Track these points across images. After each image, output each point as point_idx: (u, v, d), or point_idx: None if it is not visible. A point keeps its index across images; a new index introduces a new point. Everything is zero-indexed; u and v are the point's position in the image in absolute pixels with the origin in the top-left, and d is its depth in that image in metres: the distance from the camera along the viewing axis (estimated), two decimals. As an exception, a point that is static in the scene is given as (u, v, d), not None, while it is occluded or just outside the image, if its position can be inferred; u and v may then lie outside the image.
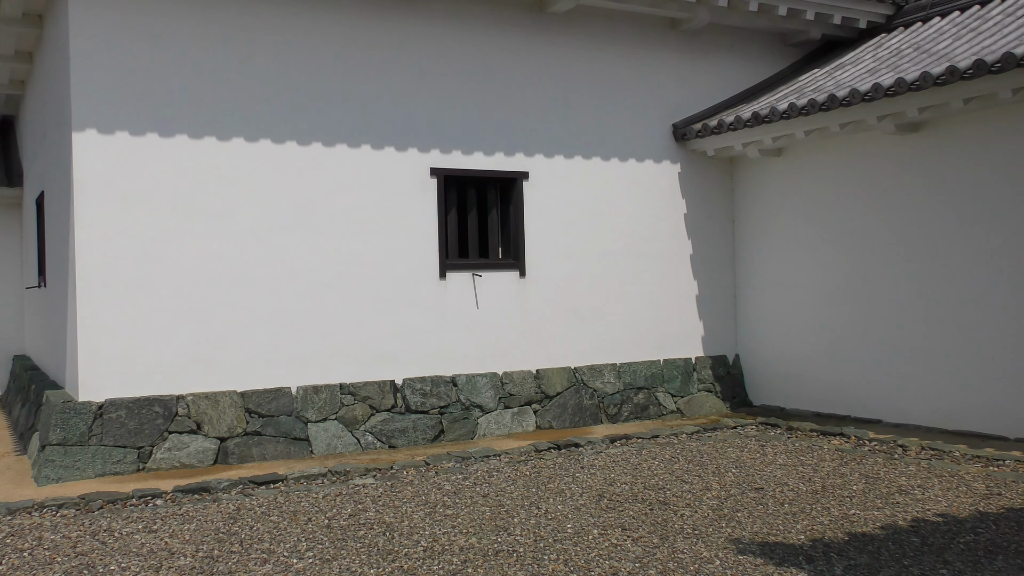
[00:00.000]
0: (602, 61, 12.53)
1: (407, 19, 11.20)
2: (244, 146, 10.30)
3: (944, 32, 12.28)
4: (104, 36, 9.63)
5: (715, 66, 13.44)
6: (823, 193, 12.27)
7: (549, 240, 12.10)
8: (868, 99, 10.59)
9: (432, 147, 11.34)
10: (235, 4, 10.24)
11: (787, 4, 12.64)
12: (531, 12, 12.01)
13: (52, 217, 11.90)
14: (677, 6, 12.27)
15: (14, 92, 15.15)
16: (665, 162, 13.01)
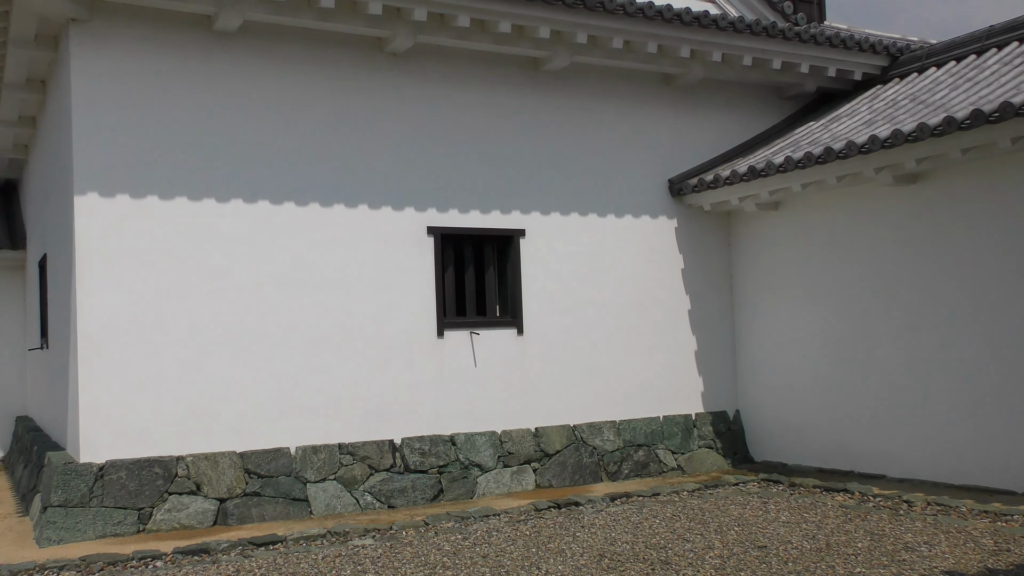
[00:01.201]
0: (597, 117, 12.63)
1: (403, 79, 11.33)
2: (242, 207, 10.36)
3: (940, 82, 12.35)
4: (105, 102, 9.76)
5: (710, 120, 13.52)
6: (822, 245, 12.24)
7: (546, 297, 12.07)
8: (865, 151, 10.60)
9: (429, 206, 11.39)
10: (232, 71, 10.39)
11: (781, 58, 12.75)
12: (526, 71, 12.14)
13: (54, 279, 11.96)
14: (671, 62, 12.40)
15: (18, 156, 15.35)
16: (662, 217, 13.02)
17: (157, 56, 10.03)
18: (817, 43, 12.77)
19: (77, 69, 9.67)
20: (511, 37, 11.22)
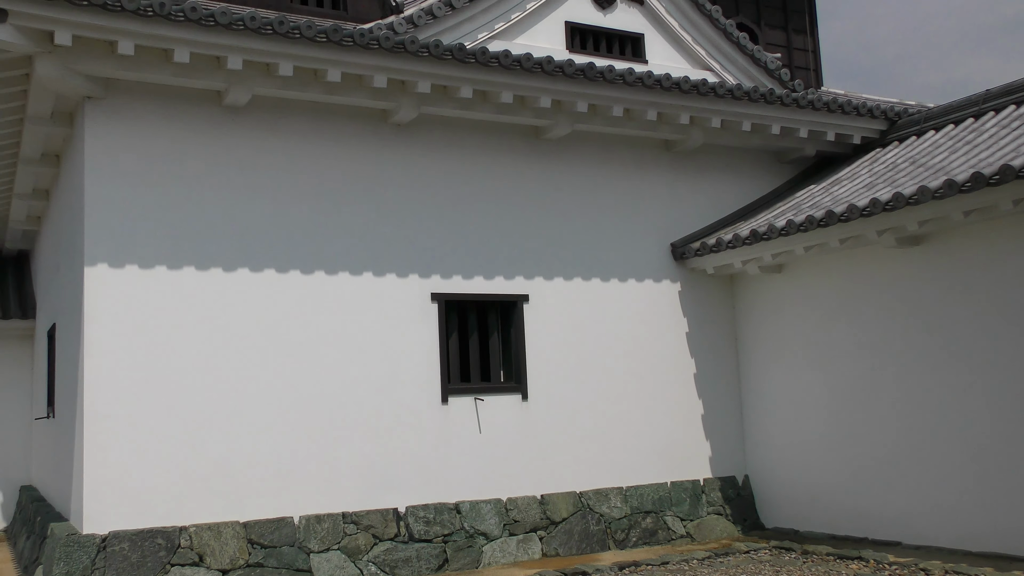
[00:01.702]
0: (599, 183, 12.75)
1: (407, 148, 11.50)
2: (249, 276, 10.45)
3: (939, 145, 12.45)
4: (117, 175, 9.93)
5: (711, 184, 13.63)
6: (827, 308, 12.21)
7: (551, 362, 12.05)
8: (866, 214, 10.65)
9: (433, 272, 11.46)
10: (241, 143, 10.57)
11: (780, 123, 12.90)
12: (527, 138, 12.31)
13: (62, 348, 12.01)
14: (670, 128, 12.55)
15: (30, 228, 15.55)
16: (665, 281, 13.05)
17: (168, 130, 10.22)
18: (815, 109, 12.93)
19: (91, 144, 9.86)
20: (513, 107, 11.41)
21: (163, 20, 9.13)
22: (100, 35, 9.06)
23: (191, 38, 9.34)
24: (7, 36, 8.71)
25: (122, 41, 9.16)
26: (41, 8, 8.68)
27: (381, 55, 10.16)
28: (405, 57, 10.26)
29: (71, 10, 8.80)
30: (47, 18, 8.77)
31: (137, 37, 9.19)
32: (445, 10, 11.70)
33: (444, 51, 10.34)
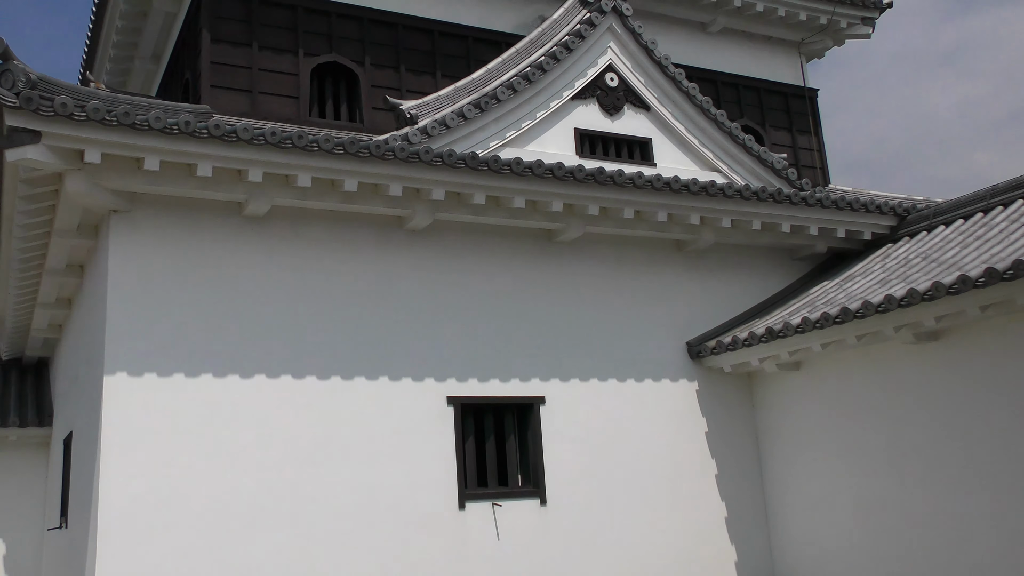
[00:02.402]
0: (612, 284, 12.87)
1: (422, 253, 11.69)
2: (265, 382, 10.50)
3: (950, 241, 12.54)
4: (139, 285, 10.13)
5: (724, 283, 13.72)
6: (848, 406, 12.09)
7: (569, 465, 11.92)
8: (882, 311, 10.65)
9: (448, 376, 11.48)
10: (260, 252, 10.79)
11: (790, 222, 13.06)
12: (540, 242, 12.50)
13: (78, 458, 12.00)
14: (681, 229, 12.73)
15: (51, 336, 15.75)
16: (682, 380, 13.01)
17: (189, 241, 10.47)
18: (824, 207, 13.11)
19: (115, 256, 10.10)
20: (525, 211, 11.64)
21: (188, 137, 9.47)
22: (127, 152, 9.40)
23: (214, 153, 9.66)
24: (40, 156, 9.05)
25: (148, 157, 9.48)
26: (73, 128, 9.03)
27: (396, 165, 10.45)
28: (420, 166, 10.54)
29: (101, 129, 9.15)
30: (78, 138, 9.12)
31: (163, 153, 9.52)
32: (458, 120, 12.07)
33: (457, 160, 10.62)
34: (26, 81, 8.86)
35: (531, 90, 12.98)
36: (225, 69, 13.22)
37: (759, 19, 17.24)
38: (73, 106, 8.91)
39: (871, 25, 17.78)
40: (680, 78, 14.14)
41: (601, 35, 13.80)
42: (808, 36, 17.89)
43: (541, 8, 15.70)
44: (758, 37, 17.75)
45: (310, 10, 14.00)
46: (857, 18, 17.65)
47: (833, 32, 17.81)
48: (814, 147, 17.84)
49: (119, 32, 16.17)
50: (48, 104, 8.85)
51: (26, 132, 8.98)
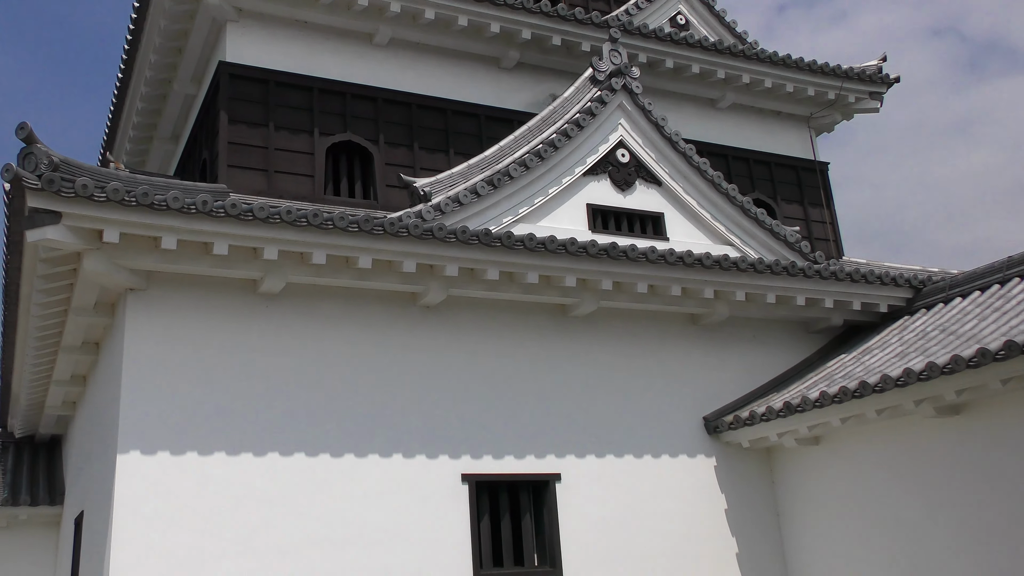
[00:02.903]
0: (626, 358, 12.79)
1: (436, 329, 11.68)
2: (278, 460, 10.41)
3: (968, 313, 12.44)
4: (154, 363, 10.15)
5: (740, 356, 13.61)
6: (871, 481, 11.84)
7: (586, 544, 11.66)
8: (901, 384, 10.51)
9: (463, 452, 11.35)
10: (274, 329, 10.82)
11: (804, 295, 13.01)
12: (554, 316, 12.49)
13: (89, 537, 11.86)
14: (696, 303, 12.70)
15: (65, 413, 15.73)
16: (699, 456, 12.80)
17: (204, 319, 10.51)
18: (838, 279, 13.08)
19: (131, 334, 10.14)
20: (539, 287, 11.65)
21: (205, 216, 9.59)
22: (145, 231, 9.51)
23: (230, 232, 9.77)
24: (59, 236, 9.17)
25: (166, 236, 9.59)
26: (93, 209, 9.17)
27: (410, 242, 10.53)
28: (433, 243, 10.62)
29: (120, 210, 9.29)
30: (98, 218, 9.25)
31: (180, 232, 9.64)
32: (471, 197, 12.19)
33: (471, 236, 10.70)
34: (48, 164, 9.03)
35: (543, 167, 13.14)
36: (242, 149, 13.46)
37: (768, 95, 17.48)
38: (93, 187, 9.06)
39: (879, 99, 17.99)
40: (691, 153, 14.29)
41: (612, 112, 14.01)
42: (817, 111, 18.10)
43: (552, 86, 15.99)
44: (767, 112, 17.98)
45: (326, 91, 14.30)
46: (865, 93, 17.87)
47: (842, 107, 18.02)
48: (826, 220, 17.89)
49: (139, 114, 16.55)
50: (69, 185, 9.00)
51: (47, 213, 9.12)
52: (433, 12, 14.39)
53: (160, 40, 14.44)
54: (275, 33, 14.13)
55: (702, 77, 16.68)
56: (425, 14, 14.38)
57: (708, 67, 16.39)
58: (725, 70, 16.51)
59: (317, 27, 14.41)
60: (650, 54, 15.91)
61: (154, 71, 15.29)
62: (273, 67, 13.99)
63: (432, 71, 15.15)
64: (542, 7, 14.96)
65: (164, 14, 13.93)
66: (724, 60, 16.43)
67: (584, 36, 15.48)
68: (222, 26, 13.94)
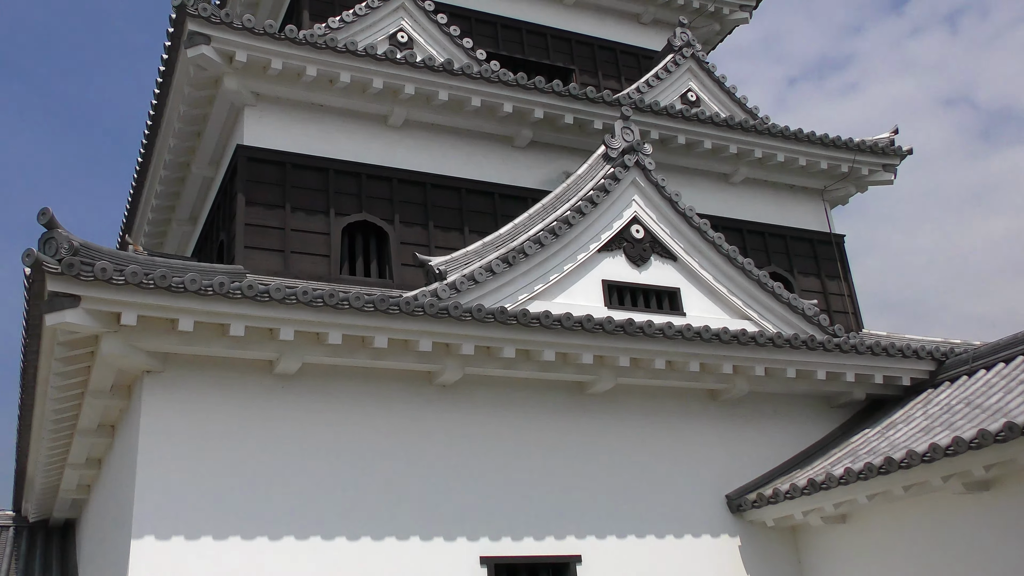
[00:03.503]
0: (646, 435, 12.59)
1: (452, 408, 11.57)
2: (294, 544, 10.22)
3: (993, 385, 12.23)
4: (170, 446, 10.07)
5: (762, 432, 13.39)
6: (899, 559, 11.47)
7: (610, 628, 11.31)
8: (928, 460, 10.29)
9: (481, 534, 11.12)
10: (290, 410, 10.74)
11: (825, 369, 12.85)
12: (571, 393, 12.36)
13: (99, 626, 11.62)
14: (714, 378, 12.55)
15: (79, 496, 15.59)
16: (723, 536, 12.49)
17: (220, 401, 10.46)
18: (859, 353, 12.93)
19: (147, 416, 10.10)
20: (555, 364, 11.56)
21: (221, 298, 9.62)
22: (163, 314, 9.55)
23: (246, 313, 9.79)
24: (78, 319, 9.21)
25: (183, 318, 9.62)
26: (111, 292, 9.22)
27: (426, 320, 10.51)
28: (449, 321, 10.59)
29: (138, 292, 9.34)
30: (116, 301, 9.29)
31: (196, 314, 9.66)
32: (486, 275, 12.21)
33: (486, 314, 10.67)
34: (69, 248, 9.13)
35: (558, 243, 13.17)
36: (259, 230, 13.59)
37: (781, 169, 17.58)
38: (112, 270, 9.13)
39: (893, 172, 18.05)
40: (705, 228, 14.32)
41: (625, 189, 14.10)
42: (831, 184, 18.16)
43: (565, 164, 16.15)
44: (781, 186, 18.05)
45: (341, 172, 14.49)
46: (878, 165, 17.95)
47: (855, 179, 18.08)
48: (844, 292, 17.78)
49: (158, 196, 16.80)
50: (88, 269, 9.08)
51: (66, 297, 9.18)
52: (447, 93, 14.65)
53: (179, 125, 14.75)
54: (292, 116, 14.40)
55: (714, 152, 16.81)
56: (439, 95, 14.64)
57: (720, 142, 16.54)
58: (737, 145, 16.65)
59: (333, 109, 14.69)
60: (662, 130, 16.09)
61: (173, 155, 15.58)
62: (290, 149, 14.21)
63: (446, 151, 15.35)
64: (554, 87, 15.21)
65: (184, 100, 14.25)
66: (736, 135, 16.59)
67: (596, 114, 15.70)
68: (240, 110, 14.23)
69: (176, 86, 14.23)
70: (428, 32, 15.90)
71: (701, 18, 19.97)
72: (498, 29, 18.07)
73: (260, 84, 13.95)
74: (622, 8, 19.44)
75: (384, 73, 14.19)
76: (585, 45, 18.95)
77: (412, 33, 15.75)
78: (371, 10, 15.44)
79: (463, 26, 17.70)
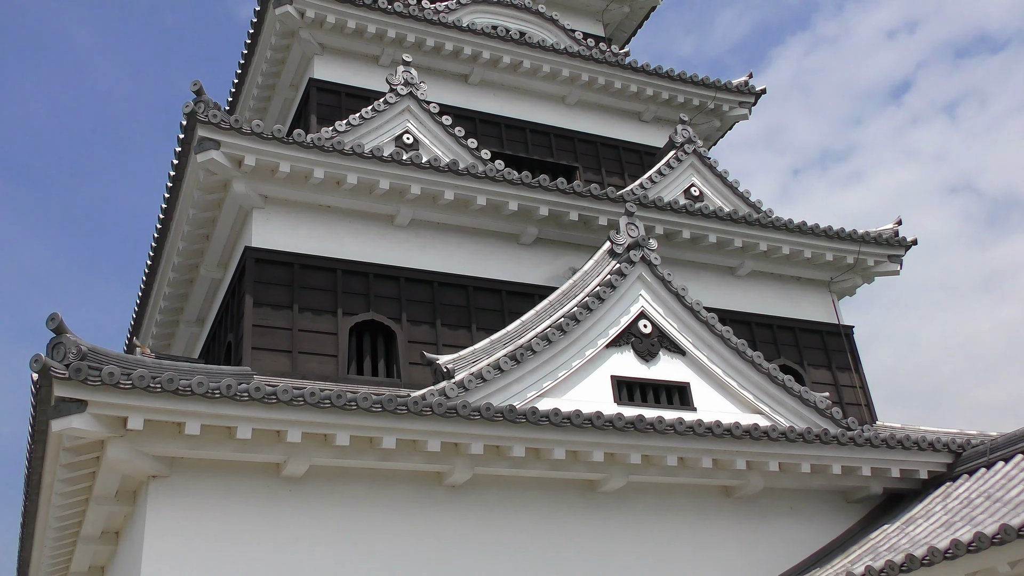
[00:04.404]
0: (659, 534, 12.30)
1: (462, 509, 11.35)
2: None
3: (1012, 478, 12.00)
4: (174, 552, 9.89)
5: (779, 529, 13.06)
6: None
7: None
8: (950, 557, 10.02)
9: (493, 643, 10.75)
10: (298, 513, 10.55)
11: (840, 463, 12.63)
12: (583, 493, 12.13)
13: None
14: (728, 474, 12.33)
15: (80, 607, 15.19)
16: (744, 640, 12.06)
17: (227, 505, 10.29)
18: (874, 446, 12.73)
19: (152, 523, 9.93)
20: (566, 462, 11.40)
21: (229, 400, 9.57)
22: (169, 418, 9.49)
23: (254, 415, 9.72)
24: (84, 424, 9.15)
25: (190, 422, 9.55)
26: (118, 396, 9.19)
27: (434, 420, 10.41)
28: (458, 421, 10.49)
29: (145, 396, 9.30)
30: (123, 405, 9.25)
31: (203, 417, 9.60)
32: (494, 373, 12.15)
33: (495, 413, 10.58)
34: (76, 352, 9.14)
35: (565, 340, 13.15)
36: (266, 331, 13.60)
37: (786, 261, 17.64)
38: (120, 374, 9.12)
39: (898, 262, 18.10)
40: (713, 322, 14.30)
41: (631, 284, 14.15)
42: (837, 275, 18.20)
43: (571, 260, 16.24)
44: (787, 278, 18.08)
45: (349, 272, 14.58)
46: (884, 256, 18.01)
47: (861, 270, 18.11)
48: (856, 384, 17.61)
49: (166, 298, 16.90)
50: (96, 373, 9.06)
51: (73, 402, 9.14)
52: (452, 193, 14.86)
53: (188, 228, 14.94)
54: (299, 217, 14.59)
55: (719, 246, 16.92)
56: (445, 195, 14.84)
57: (725, 236, 16.65)
58: (742, 238, 16.77)
59: (340, 210, 14.88)
60: (667, 225, 16.23)
61: (182, 257, 15.74)
62: (297, 250, 14.35)
63: (452, 249, 15.48)
64: (558, 185, 15.44)
65: (193, 203, 14.47)
66: (740, 229, 16.71)
67: (601, 211, 15.87)
68: (248, 212, 14.43)
69: (186, 190, 14.49)
70: (433, 133, 16.24)
71: (701, 115, 20.39)
72: (502, 129, 18.46)
73: (268, 187, 14.19)
74: (623, 107, 19.88)
75: (390, 174, 14.43)
76: (588, 143, 19.32)
77: (417, 134, 16.10)
78: (377, 113, 15.81)
79: (468, 126, 18.10)
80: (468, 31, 17.89)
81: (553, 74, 18.74)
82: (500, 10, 19.65)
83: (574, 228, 16.09)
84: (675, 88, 19.74)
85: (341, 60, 17.63)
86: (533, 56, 18.42)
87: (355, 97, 17.38)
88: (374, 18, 17.25)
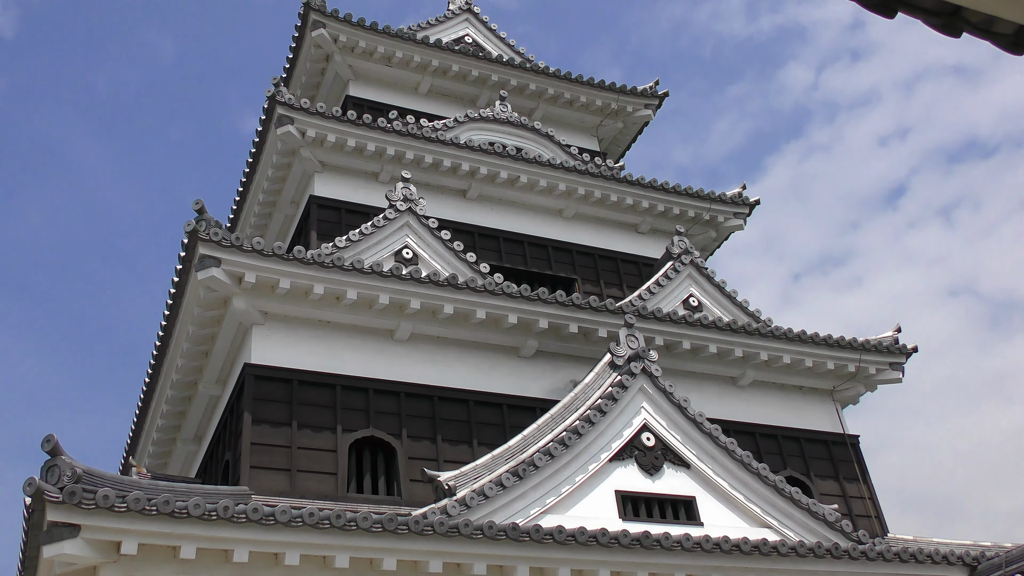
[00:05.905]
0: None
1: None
2: None
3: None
4: None
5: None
6: None
7: None
8: None
9: None
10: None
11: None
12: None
13: None
14: (740, 594, 11.95)
15: None
16: None
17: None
18: (886, 560, 12.39)
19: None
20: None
21: (226, 522, 9.34)
22: (165, 541, 9.24)
23: (251, 537, 9.47)
24: (76, 550, 8.90)
25: (185, 545, 9.29)
26: (112, 520, 8.96)
27: (436, 540, 10.15)
28: (460, 540, 10.22)
29: (140, 519, 9.07)
30: (117, 529, 9.02)
31: (200, 540, 9.34)
32: (496, 490, 11.90)
33: (498, 531, 10.32)
34: (71, 475, 8.96)
35: (568, 454, 12.95)
36: (265, 449, 13.38)
37: (788, 371, 17.55)
38: (114, 497, 8.91)
39: (900, 370, 18.01)
40: (717, 434, 14.12)
41: (633, 396, 14.04)
42: (839, 384, 18.07)
43: (572, 372, 16.15)
44: (790, 387, 17.94)
45: (348, 387, 14.45)
46: (885, 364, 17.94)
47: (864, 378, 18.00)
48: (864, 495, 17.25)
49: (164, 416, 16.70)
50: (90, 497, 8.86)
51: (66, 527, 8.92)
52: (452, 307, 14.89)
53: (188, 344, 14.90)
54: (299, 333, 14.57)
55: (720, 356, 16.86)
56: (444, 309, 14.87)
57: (725, 346, 16.62)
58: (742, 348, 16.73)
59: (340, 326, 14.88)
60: (667, 336, 16.22)
61: (180, 374, 15.63)
62: (297, 366, 14.27)
63: (452, 363, 15.40)
64: (557, 297, 15.50)
65: (193, 320, 14.48)
66: (740, 339, 16.70)
67: (600, 322, 15.89)
68: (248, 329, 14.42)
69: (186, 307, 14.51)
70: (432, 248, 16.41)
71: (697, 226, 20.68)
72: (500, 242, 18.66)
73: (268, 303, 14.22)
74: (620, 219, 20.17)
75: (390, 289, 14.50)
76: (586, 255, 19.51)
77: (417, 249, 16.26)
78: (376, 229, 16.01)
79: (466, 240, 18.30)
80: (465, 147, 18.31)
81: (550, 188, 19.09)
82: (496, 127, 20.17)
83: (574, 340, 16.07)
84: (670, 200, 20.08)
85: (341, 177, 17.97)
86: (530, 171, 18.80)
87: (355, 213, 17.64)
88: (373, 136, 17.68)
